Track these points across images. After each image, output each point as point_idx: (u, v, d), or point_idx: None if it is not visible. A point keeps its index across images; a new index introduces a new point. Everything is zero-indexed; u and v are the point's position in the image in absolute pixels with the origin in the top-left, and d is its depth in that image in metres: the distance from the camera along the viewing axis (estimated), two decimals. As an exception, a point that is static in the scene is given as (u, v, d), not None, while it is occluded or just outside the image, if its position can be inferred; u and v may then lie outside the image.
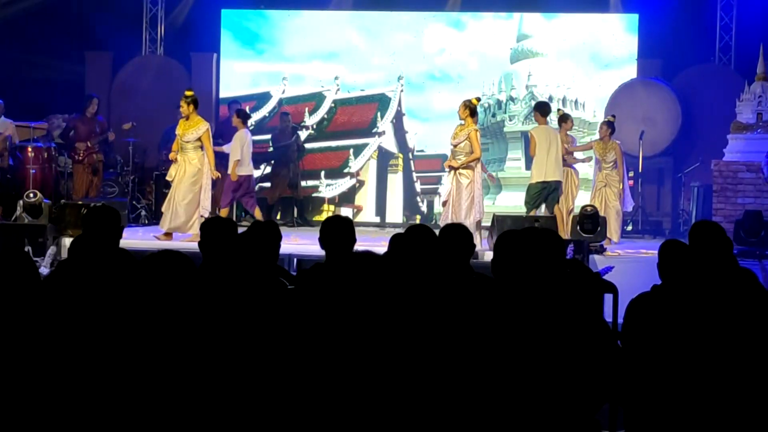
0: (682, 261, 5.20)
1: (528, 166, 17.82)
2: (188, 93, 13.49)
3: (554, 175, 13.56)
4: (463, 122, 12.95)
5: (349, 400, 4.23)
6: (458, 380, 4.30)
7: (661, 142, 16.57)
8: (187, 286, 4.29)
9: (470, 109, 13.00)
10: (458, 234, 5.78)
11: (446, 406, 4.27)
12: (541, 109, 13.85)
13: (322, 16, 18.71)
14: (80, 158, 16.27)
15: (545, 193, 13.54)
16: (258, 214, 14.52)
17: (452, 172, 12.83)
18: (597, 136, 14.98)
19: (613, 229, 14.15)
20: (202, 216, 13.17)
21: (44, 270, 11.00)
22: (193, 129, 13.30)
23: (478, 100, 13.39)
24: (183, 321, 4.23)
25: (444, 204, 12.89)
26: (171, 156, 13.51)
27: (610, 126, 14.46)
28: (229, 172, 14.09)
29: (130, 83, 18.52)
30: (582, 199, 15.08)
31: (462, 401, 4.27)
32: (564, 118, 14.53)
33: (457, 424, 4.25)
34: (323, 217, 15.35)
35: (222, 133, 17.39)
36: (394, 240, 5.88)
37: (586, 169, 15.57)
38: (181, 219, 13.24)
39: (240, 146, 14.12)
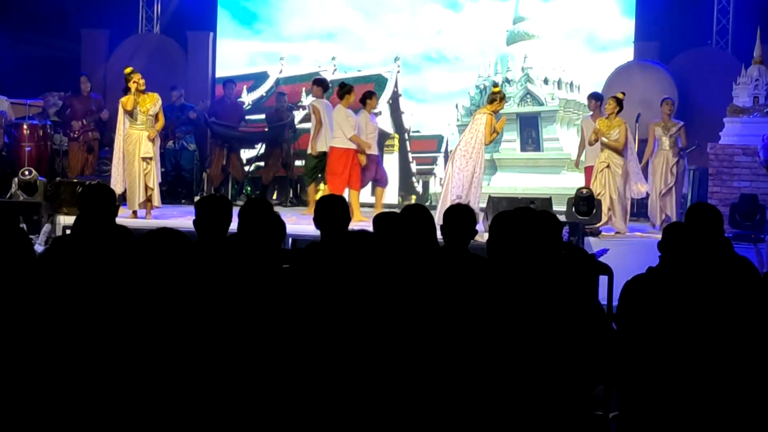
0: (681, 243, 5.21)
1: (523, 147, 17.89)
2: (129, 69, 13.43)
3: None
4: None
5: (343, 379, 4.24)
6: (452, 361, 4.30)
7: (658, 125, 16.57)
8: (185, 263, 4.29)
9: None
10: (463, 215, 5.78)
11: (440, 387, 4.28)
12: (322, 84, 14.80)
13: (319, -4, 18.69)
14: (76, 136, 16.25)
15: (323, 165, 14.38)
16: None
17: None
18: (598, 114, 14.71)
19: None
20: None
21: (39, 247, 11.00)
22: (154, 102, 13.24)
23: (495, 84, 13.42)
24: (181, 299, 4.23)
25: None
26: (150, 134, 13.30)
27: (618, 103, 13.74)
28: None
29: (126, 62, 18.38)
30: (578, 180, 15.10)
31: (456, 381, 4.27)
32: (660, 103, 14.44)
33: (451, 404, 4.26)
34: (319, 196, 15.36)
35: (217, 112, 17.39)
36: (378, 220, 5.93)
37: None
38: (158, 195, 13.34)
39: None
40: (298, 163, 17.65)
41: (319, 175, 14.68)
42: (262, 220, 5.51)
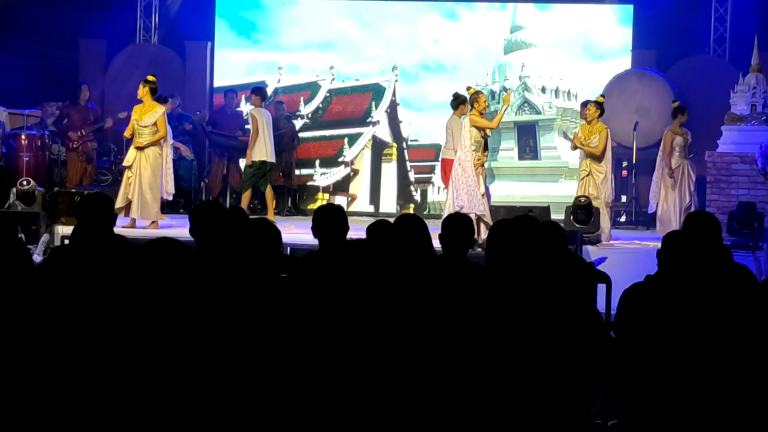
0: (679, 252, 5.21)
1: (521, 156, 17.91)
2: (151, 78, 13.54)
3: (272, 157, 14.74)
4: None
5: (343, 388, 4.24)
6: (451, 369, 4.30)
7: (655, 133, 16.48)
8: (185, 273, 4.28)
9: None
10: (461, 224, 5.78)
11: (440, 396, 4.28)
12: (260, 93, 15.02)
13: (317, 6, 18.68)
14: (74, 146, 16.23)
15: (263, 171, 14.55)
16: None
17: None
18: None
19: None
20: (165, 199, 13.82)
21: (37, 257, 10.99)
22: (150, 113, 13.33)
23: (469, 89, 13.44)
24: (180, 308, 4.23)
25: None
26: (136, 143, 13.45)
27: (598, 107, 13.50)
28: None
29: (123, 71, 18.40)
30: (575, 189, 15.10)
31: (455, 390, 4.27)
32: (678, 111, 14.49)
33: (450, 414, 4.26)
34: (317, 205, 15.39)
35: (217, 121, 17.39)
36: (372, 229, 5.93)
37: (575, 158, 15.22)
38: (153, 209, 13.29)
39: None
40: (298, 172, 17.69)
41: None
42: (215, 224, 5.56)
